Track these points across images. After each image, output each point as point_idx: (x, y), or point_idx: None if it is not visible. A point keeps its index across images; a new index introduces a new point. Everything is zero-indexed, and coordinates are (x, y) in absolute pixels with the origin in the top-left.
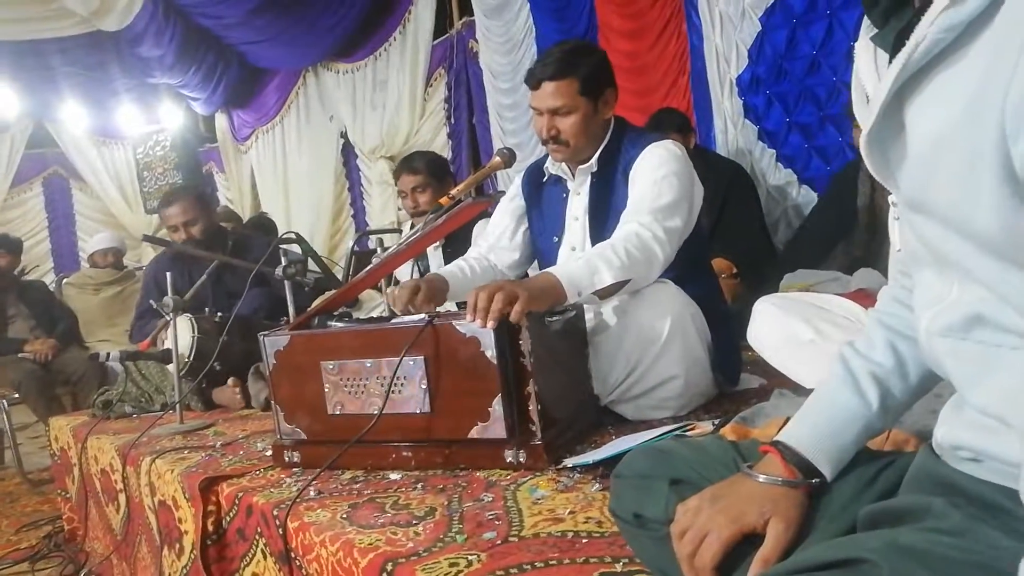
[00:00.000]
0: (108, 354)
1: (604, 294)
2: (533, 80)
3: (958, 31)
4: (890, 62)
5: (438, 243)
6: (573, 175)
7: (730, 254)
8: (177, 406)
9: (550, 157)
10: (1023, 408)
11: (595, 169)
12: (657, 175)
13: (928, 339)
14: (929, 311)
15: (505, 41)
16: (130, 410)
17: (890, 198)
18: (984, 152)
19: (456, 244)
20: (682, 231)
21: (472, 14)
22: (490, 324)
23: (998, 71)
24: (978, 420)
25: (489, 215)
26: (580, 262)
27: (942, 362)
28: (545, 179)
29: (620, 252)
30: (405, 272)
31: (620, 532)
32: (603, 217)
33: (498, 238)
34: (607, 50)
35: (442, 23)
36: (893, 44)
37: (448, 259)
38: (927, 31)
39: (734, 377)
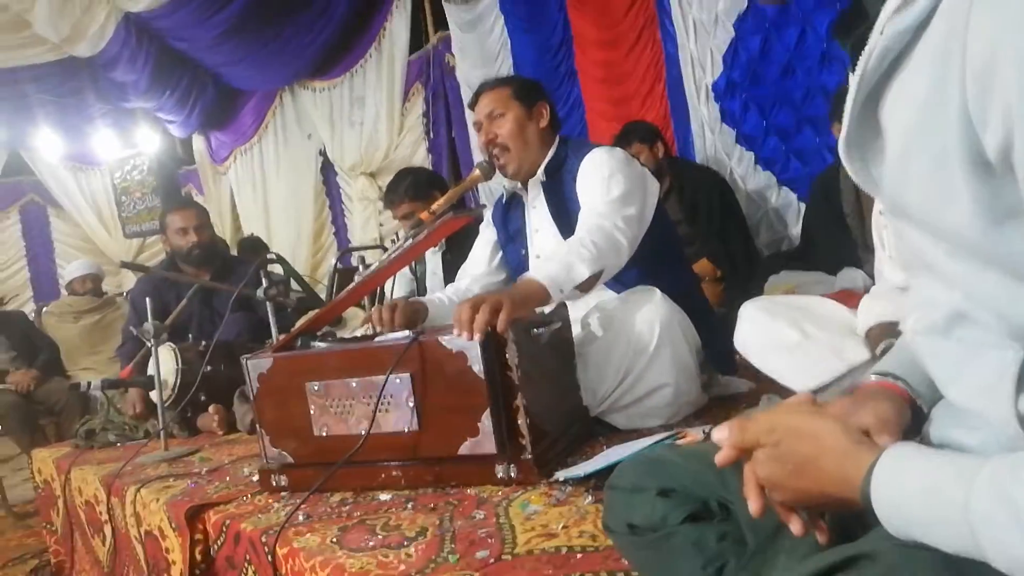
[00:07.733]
0: (90, 383)
1: (584, 287)
2: (473, 99)
3: (907, 36)
4: (852, 71)
5: (437, 248)
6: (527, 191)
7: (713, 258)
8: (161, 433)
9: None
10: (1000, 401)
11: (544, 179)
12: (603, 173)
13: (912, 338)
14: (916, 312)
15: (481, 54)
16: (114, 439)
17: (876, 207)
18: (950, 147)
19: (456, 250)
20: (639, 218)
21: (447, 28)
22: (476, 336)
23: (949, 69)
24: (963, 418)
25: (474, 227)
26: (554, 262)
27: (925, 361)
28: (506, 200)
29: (588, 245)
30: (399, 284)
31: (614, 546)
32: (568, 223)
33: (487, 268)
34: (583, 60)
35: (418, 38)
36: (851, 54)
37: (447, 265)
38: (877, 39)
39: (728, 368)
